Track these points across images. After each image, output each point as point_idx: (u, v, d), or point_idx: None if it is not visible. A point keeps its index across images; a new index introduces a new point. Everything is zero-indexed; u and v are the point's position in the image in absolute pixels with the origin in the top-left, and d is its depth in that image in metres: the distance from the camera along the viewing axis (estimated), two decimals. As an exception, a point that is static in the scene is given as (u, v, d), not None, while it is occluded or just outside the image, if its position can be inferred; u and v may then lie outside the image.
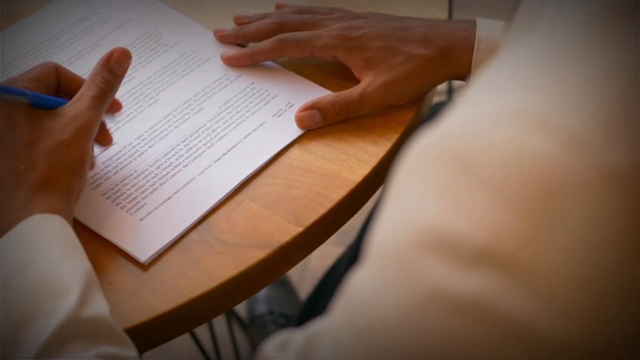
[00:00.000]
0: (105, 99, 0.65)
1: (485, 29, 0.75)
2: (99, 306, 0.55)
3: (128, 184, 0.69)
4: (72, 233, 0.60)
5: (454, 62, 0.75)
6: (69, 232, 0.59)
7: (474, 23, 0.76)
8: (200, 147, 0.72)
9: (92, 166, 0.68)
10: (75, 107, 0.63)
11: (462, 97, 0.40)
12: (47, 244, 0.57)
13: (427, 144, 0.38)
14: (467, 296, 0.34)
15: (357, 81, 0.77)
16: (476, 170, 0.35)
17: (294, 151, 0.73)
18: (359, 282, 0.38)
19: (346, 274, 1.17)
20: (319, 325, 0.40)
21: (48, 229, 0.58)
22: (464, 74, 0.75)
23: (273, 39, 0.77)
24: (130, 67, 0.78)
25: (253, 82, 0.78)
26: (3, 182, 0.60)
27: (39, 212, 0.58)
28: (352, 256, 1.13)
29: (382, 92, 0.74)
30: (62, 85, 0.66)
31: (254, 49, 0.78)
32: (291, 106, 0.76)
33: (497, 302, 0.34)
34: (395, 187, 0.39)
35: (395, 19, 0.77)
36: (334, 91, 0.77)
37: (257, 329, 1.42)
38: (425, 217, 0.36)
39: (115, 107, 0.71)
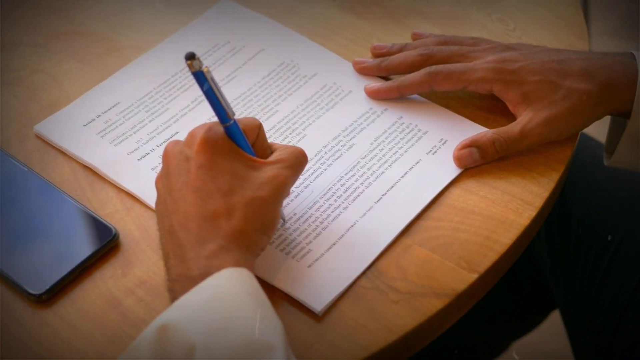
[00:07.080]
0: (302, 169, 0.63)
1: (646, 62, 0.72)
2: None
3: (289, 228, 0.66)
4: (259, 287, 0.57)
5: (615, 98, 0.72)
6: (257, 285, 0.56)
7: (632, 56, 0.73)
8: (357, 186, 0.69)
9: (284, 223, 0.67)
10: (276, 167, 0.60)
11: None
12: (244, 301, 0.54)
13: None
14: None
15: (507, 115, 0.74)
16: None
17: (454, 191, 0.70)
18: None
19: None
20: None
21: (242, 284, 0.55)
22: (625, 110, 0.72)
23: (423, 71, 0.74)
24: (272, 99, 0.77)
25: (401, 117, 0.75)
26: (190, 221, 0.57)
27: (232, 263, 0.55)
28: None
29: (544, 128, 0.71)
30: (254, 144, 0.63)
31: (403, 81, 0.75)
32: (444, 142, 0.73)
33: None
34: None
35: (550, 51, 0.74)
36: (483, 126, 0.74)
37: None
38: None
39: None
